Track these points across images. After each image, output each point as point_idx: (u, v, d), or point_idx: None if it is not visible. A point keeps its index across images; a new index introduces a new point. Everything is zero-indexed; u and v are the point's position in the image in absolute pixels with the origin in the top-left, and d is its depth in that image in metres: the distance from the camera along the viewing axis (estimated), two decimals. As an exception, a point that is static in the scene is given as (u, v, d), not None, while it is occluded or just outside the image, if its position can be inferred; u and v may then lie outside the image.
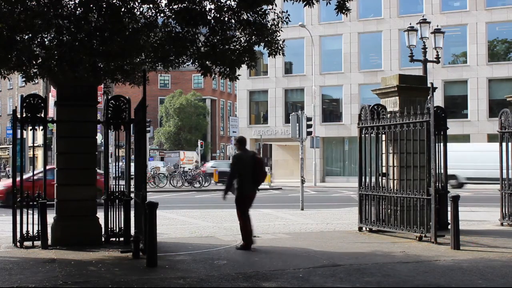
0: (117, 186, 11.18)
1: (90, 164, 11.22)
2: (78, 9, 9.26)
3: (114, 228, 11.14)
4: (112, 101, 11.22)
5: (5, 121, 63.16)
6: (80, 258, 9.45)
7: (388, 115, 12.13)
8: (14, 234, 10.70)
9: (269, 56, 10.66)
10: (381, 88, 13.09)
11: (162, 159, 56.70)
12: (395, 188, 12.02)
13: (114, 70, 10.18)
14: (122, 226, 11.06)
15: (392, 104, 12.69)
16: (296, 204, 20.05)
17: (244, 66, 10.74)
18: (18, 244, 10.64)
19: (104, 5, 9.09)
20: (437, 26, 23.94)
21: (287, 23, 10.41)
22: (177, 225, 14.62)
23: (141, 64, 10.86)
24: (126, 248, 10.20)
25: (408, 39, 20.77)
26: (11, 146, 36.33)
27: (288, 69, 44.63)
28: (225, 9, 9.94)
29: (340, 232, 13.08)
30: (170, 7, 9.75)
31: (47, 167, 12.05)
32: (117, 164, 12.99)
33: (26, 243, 10.68)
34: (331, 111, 43.83)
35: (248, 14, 10.02)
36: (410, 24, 21.96)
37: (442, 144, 13.08)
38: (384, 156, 12.55)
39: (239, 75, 10.76)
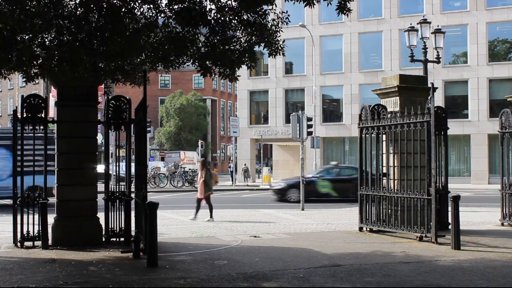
0: (117, 186, 11.18)
1: (91, 164, 11.22)
2: (79, 9, 9.26)
3: (115, 228, 11.15)
4: (113, 101, 11.22)
5: (5, 121, 63.21)
6: (81, 258, 9.46)
7: (389, 115, 12.12)
8: (15, 234, 10.70)
9: (269, 57, 10.65)
10: (382, 88, 13.09)
11: (162, 159, 56.61)
12: (395, 188, 12.02)
13: (114, 70, 10.18)
14: (123, 226, 11.07)
15: (392, 104, 12.68)
16: (297, 204, 20.05)
17: (244, 67, 10.74)
18: (18, 244, 10.65)
19: (105, 5, 9.09)
20: (438, 26, 23.90)
21: (287, 23, 10.41)
22: (178, 225, 14.62)
23: (141, 64, 10.86)
24: (127, 248, 10.20)
25: (409, 39, 20.73)
26: (11, 146, 36.20)
27: (288, 69, 44.57)
28: (226, 9, 9.94)
29: (341, 232, 13.08)
30: (170, 7, 9.74)
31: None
32: (117, 164, 12.98)
33: (26, 243, 10.68)
34: (332, 111, 43.77)
35: (249, 15, 10.01)
36: (411, 24, 21.93)
37: (443, 144, 13.09)
38: (384, 156, 12.55)
39: (239, 75, 10.77)
